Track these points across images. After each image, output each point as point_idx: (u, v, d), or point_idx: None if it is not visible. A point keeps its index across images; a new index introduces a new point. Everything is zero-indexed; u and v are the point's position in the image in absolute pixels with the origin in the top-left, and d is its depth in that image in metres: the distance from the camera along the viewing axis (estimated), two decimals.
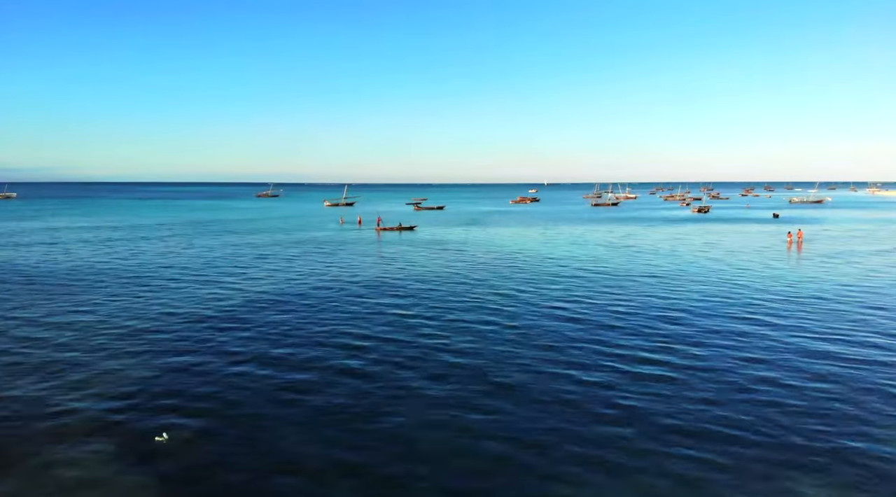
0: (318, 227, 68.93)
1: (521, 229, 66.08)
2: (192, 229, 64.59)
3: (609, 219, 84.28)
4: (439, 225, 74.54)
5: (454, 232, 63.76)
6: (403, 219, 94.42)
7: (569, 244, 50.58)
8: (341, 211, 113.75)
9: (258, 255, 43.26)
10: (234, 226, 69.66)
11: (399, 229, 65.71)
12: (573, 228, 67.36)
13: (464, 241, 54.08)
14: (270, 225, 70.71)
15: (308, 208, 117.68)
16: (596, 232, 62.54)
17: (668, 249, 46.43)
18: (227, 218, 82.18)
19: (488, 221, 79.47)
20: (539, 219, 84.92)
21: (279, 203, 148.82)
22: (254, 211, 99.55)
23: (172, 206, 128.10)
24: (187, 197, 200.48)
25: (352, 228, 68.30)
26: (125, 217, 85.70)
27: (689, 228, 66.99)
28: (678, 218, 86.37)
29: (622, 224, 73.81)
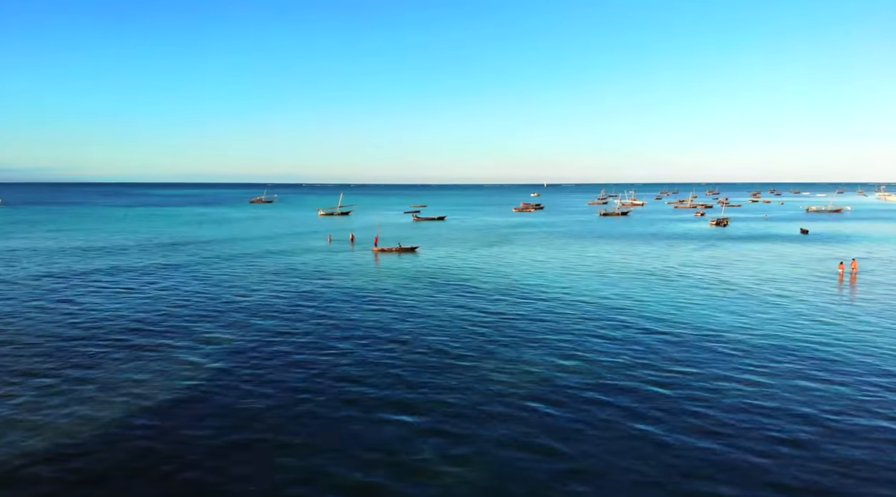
0: (306, 247, 62.26)
1: (534, 251, 59.38)
2: (162, 255, 57.88)
3: (625, 235, 77.63)
4: (442, 243, 67.88)
5: (461, 255, 57.13)
6: (401, 231, 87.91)
7: (597, 276, 43.81)
8: (335, 221, 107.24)
9: (217, 304, 36.49)
10: (213, 247, 62.95)
11: (399, 251, 59.28)
12: (589, 248, 60.63)
13: (474, 269, 47.31)
14: (251, 246, 64.03)
15: (300, 218, 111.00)
16: (619, 255, 55.76)
17: (721, 288, 39.66)
18: (208, 236, 75.49)
19: (495, 238, 72.79)
20: (547, 234, 78.27)
21: (271, 211, 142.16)
22: (240, 224, 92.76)
23: (157, 216, 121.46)
24: (178, 203, 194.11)
25: (342, 249, 61.67)
26: (96, 234, 79.04)
27: (721, 252, 60.25)
28: (699, 234, 79.74)
29: (643, 242, 67.08)
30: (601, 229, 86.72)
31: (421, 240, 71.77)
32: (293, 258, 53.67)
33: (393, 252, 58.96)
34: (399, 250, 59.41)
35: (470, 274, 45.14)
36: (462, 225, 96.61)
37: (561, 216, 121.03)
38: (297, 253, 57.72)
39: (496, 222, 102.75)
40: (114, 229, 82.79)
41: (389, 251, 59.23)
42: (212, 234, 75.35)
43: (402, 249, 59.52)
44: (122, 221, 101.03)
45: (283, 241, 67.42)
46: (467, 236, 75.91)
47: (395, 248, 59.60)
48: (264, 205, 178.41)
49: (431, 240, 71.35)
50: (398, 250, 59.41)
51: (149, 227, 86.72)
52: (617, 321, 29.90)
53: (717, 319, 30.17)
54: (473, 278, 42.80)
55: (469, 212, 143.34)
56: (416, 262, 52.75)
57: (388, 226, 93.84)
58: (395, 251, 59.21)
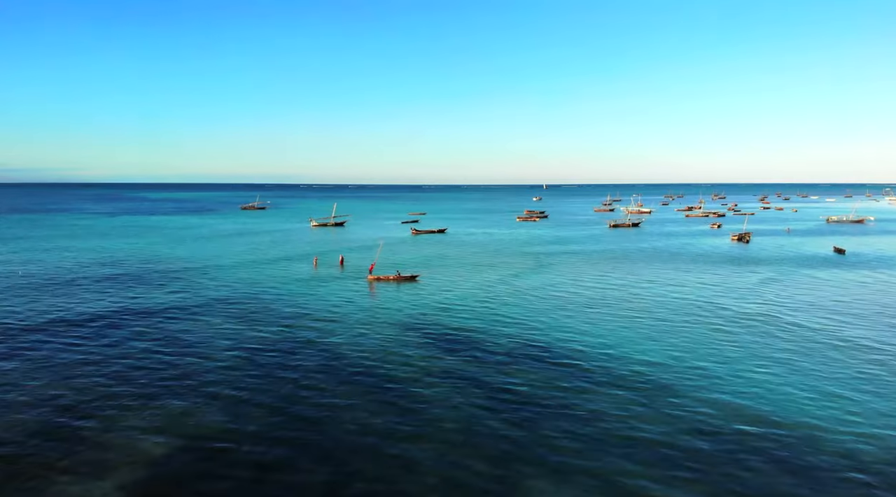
0: (288, 275, 55.17)
1: (553, 281, 52.22)
2: (119, 291, 50.83)
3: (648, 255, 70.53)
4: (445, 266, 60.83)
5: (467, 285, 50.15)
6: (399, 247, 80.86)
7: (646, 339, 36.72)
8: (328, 234, 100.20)
9: (159, 377, 29.39)
10: (183, 278, 55.87)
11: (398, 279, 52.44)
12: (616, 274, 53.46)
13: (486, 308, 40.30)
14: (226, 275, 56.93)
15: (290, 231, 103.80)
16: (662, 285, 48.62)
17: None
18: (183, 259, 68.39)
19: (503, 260, 65.68)
20: (561, 254, 71.20)
21: (261, 220, 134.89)
22: (222, 242, 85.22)
23: (138, 228, 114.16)
24: (169, 210, 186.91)
25: (330, 276, 54.63)
26: (61, 255, 71.86)
27: (756, 280, 53.18)
28: (723, 253, 72.72)
29: (674, 266, 59.96)
30: (618, 246, 79.63)
31: (421, 261, 64.77)
32: (271, 292, 46.52)
33: (391, 281, 52.10)
34: (398, 279, 52.53)
35: (482, 316, 38.10)
36: (464, 240, 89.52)
37: (569, 229, 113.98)
38: (277, 283, 50.59)
39: (501, 236, 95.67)
40: (83, 247, 75.56)
41: (387, 280, 52.37)
42: (188, 256, 68.23)
43: (401, 278, 52.63)
44: (97, 237, 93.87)
45: (263, 268, 60.23)
46: (472, 256, 68.82)
47: (392, 277, 52.73)
48: (256, 212, 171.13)
49: (433, 262, 64.27)
50: (397, 279, 52.53)
51: (122, 246, 79.57)
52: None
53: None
54: (487, 325, 35.69)
55: (470, 221, 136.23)
56: (416, 294, 45.90)
57: (386, 240, 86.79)
58: (394, 280, 52.33)
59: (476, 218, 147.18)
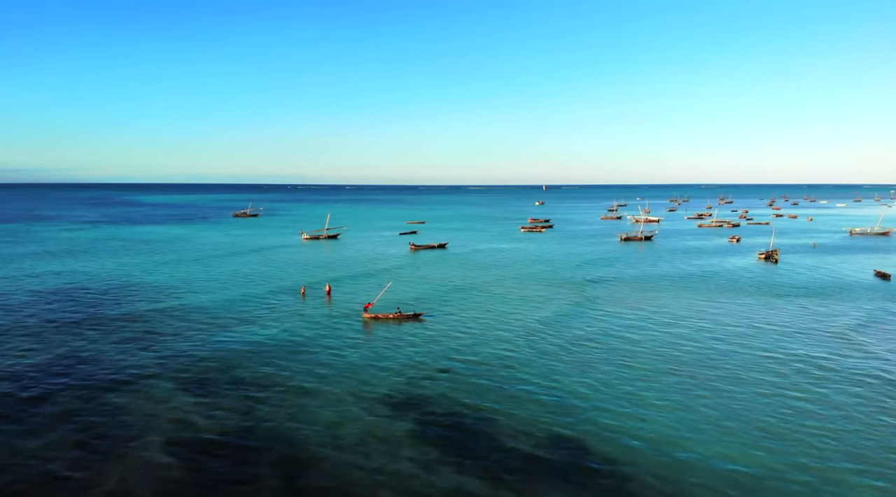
0: (272, 310, 48.22)
1: (569, 318, 45.16)
2: (59, 342, 44.06)
3: (669, 278, 63.54)
4: (450, 295, 53.99)
5: (478, 323, 43.43)
6: (397, 269, 73.96)
7: (714, 419, 29.72)
8: (321, 249, 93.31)
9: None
10: (146, 319, 49.03)
11: (398, 317, 45.89)
12: (638, 310, 46.28)
13: (500, 359, 33.33)
14: (198, 317, 49.98)
15: (280, 246, 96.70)
16: (686, 322, 41.61)
17: None
18: (154, 288, 61.48)
19: (511, 287, 58.68)
20: (573, 280, 64.26)
21: (251, 230, 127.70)
22: (204, 264, 77.22)
23: (118, 242, 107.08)
24: (159, 218, 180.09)
25: (319, 312, 47.76)
26: (12, 282, 65.05)
27: (811, 316, 46.16)
28: (755, 277, 65.79)
29: (698, 293, 52.85)
30: (636, 268, 72.60)
31: (422, 288, 58.01)
32: (247, 338, 39.53)
33: (390, 320, 45.34)
34: (398, 318, 45.73)
35: (497, 376, 31.13)
36: (468, 258, 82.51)
37: (577, 242, 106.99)
38: (256, 325, 43.59)
39: (506, 254, 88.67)
40: (46, 272, 68.37)
41: (385, 319, 45.61)
42: (160, 286, 61.17)
43: (403, 317, 45.80)
44: (69, 256, 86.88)
45: (243, 305, 53.08)
46: (479, 282, 61.84)
47: (392, 316, 45.93)
48: (247, 220, 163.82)
49: (435, 290, 57.36)
50: (397, 318, 45.73)
51: (92, 270, 72.53)
52: None
53: None
54: (505, 395, 28.64)
55: (472, 231, 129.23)
56: (420, 342, 39.32)
57: (382, 259, 79.84)
58: (394, 319, 45.56)
59: (477, 228, 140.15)
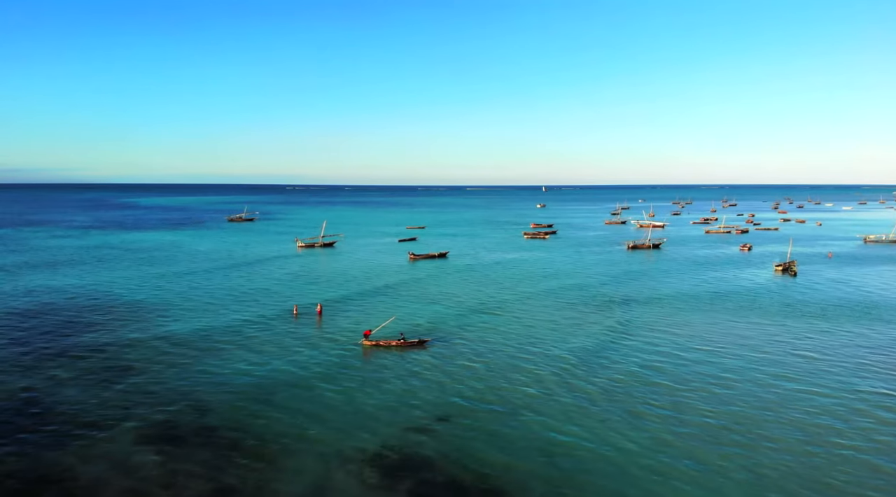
0: (259, 327, 44.37)
1: (587, 342, 41.29)
2: (24, 367, 40.26)
3: (684, 295, 59.69)
4: (454, 314, 50.22)
5: (489, 350, 39.55)
6: (395, 273, 70.20)
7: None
8: (316, 258, 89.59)
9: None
10: (118, 338, 45.22)
11: (401, 345, 41.99)
12: (659, 335, 42.40)
13: (520, 397, 29.38)
14: (179, 325, 46.08)
15: (274, 254, 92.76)
16: (717, 351, 37.76)
17: None
18: (133, 308, 57.60)
19: (520, 305, 54.83)
20: (582, 297, 60.46)
21: (246, 237, 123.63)
22: (192, 279, 73.18)
23: (105, 251, 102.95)
24: (152, 224, 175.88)
25: (312, 335, 43.96)
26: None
27: (854, 346, 42.32)
28: (775, 293, 62.01)
29: (718, 313, 48.98)
30: (648, 283, 68.72)
31: (423, 305, 54.43)
32: (228, 367, 35.64)
33: (392, 348, 41.56)
34: (401, 345, 41.90)
35: (527, 431, 27.15)
36: (471, 269, 78.62)
37: (583, 251, 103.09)
38: (241, 348, 39.75)
39: (511, 264, 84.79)
40: (15, 290, 64.49)
41: (387, 346, 41.82)
42: (140, 306, 57.24)
43: (406, 344, 41.98)
44: (48, 269, 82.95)
45: (228, 327, 49.24)
46: (484, 298, 58.03)
47: (395, 343, 42.06)
48: (242, 226, 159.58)
49: (438, 308, 53.57)
50: (400, 346, 41.90)
51: (69, 285, 68.57)
52: None
53: None
54: (542, 448, 24.71)
55: (473, 238, 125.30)
56: (426, 372, 35.72)
57: (380, 271, 76.00)
58: (396, 347, 41.75)
59: (479, 234, 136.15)
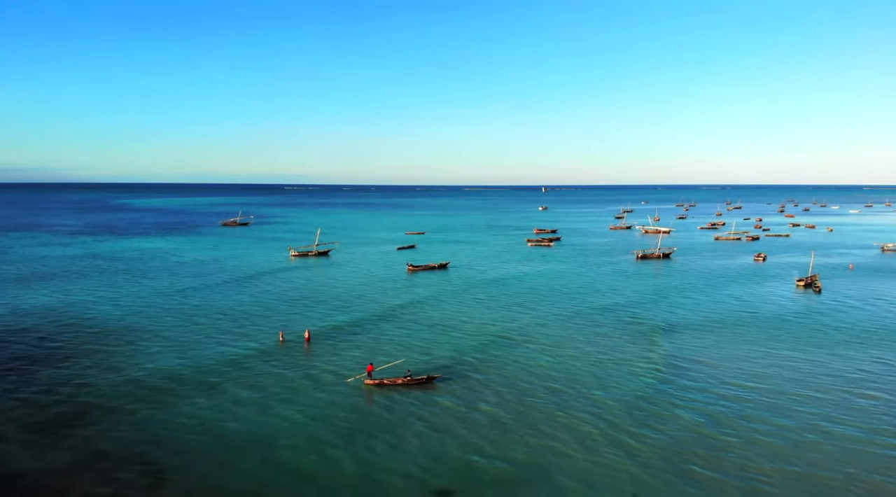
0: (241, 357, 39.68)
1: (613, 379, 36.56)
2: None
3: (703, 318, 55.01)
4: (463, 341, 45.32)
5: (503, 387, 34.76)
6: (392, 289, 65.57)
7: None
8: (310, 267, 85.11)
9: None
10: (80, 373, 40.52)
11: (407, 383, 37.34)
12: (715, 373, 37.64)
13: (554, 456, 24.80)
14: (153, 355, 41.41)
15: (266, 266, 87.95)
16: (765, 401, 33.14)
17: None
18: (105, 325, 52.96)
19: (530, 330, 50.14)
20: (597, 320, 55.79)
21: (238, 243, 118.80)
22: (170, 294, 67.99)
23: (88, 260, 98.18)
24: (143, 230, 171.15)
25: (297, 360, 39.27)
26: None
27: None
28: (805, 314, 57.38)
29: (746, 340, 44.27)
30: (669, 298, 64.06)
31: (425, 329, 49.95)
32: (199, 413, 30.89)
33: (398, 386, 36.96)
34: (407, 383, 37.36)
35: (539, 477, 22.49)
36: (474, 284, 73.77)
37: (590, 260, 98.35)
38: (216, 387, 35.05)
39: (516, 276, 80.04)
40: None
41: (392, 385, 37.20)
42: (117, 326, 52.61)
43: (412, 382, 37.43)
44: (18, 285, 78.11)
45: (207, 357, 44.47)
46: (493, 318, 53.34)
47: (401, 381, 37.43)
48: (235, 231, 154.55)
49: (443, 334, 48.90)
50: (406, 383, 37.34)
51: (41, 304, 63.86)
52: None
53: None
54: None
55: (474, 244, 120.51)
56: (437, 419, 31.34)
57: (376, 286, 71.27)
58: (402, 385, 37.15)
59: (480, 240, 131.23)
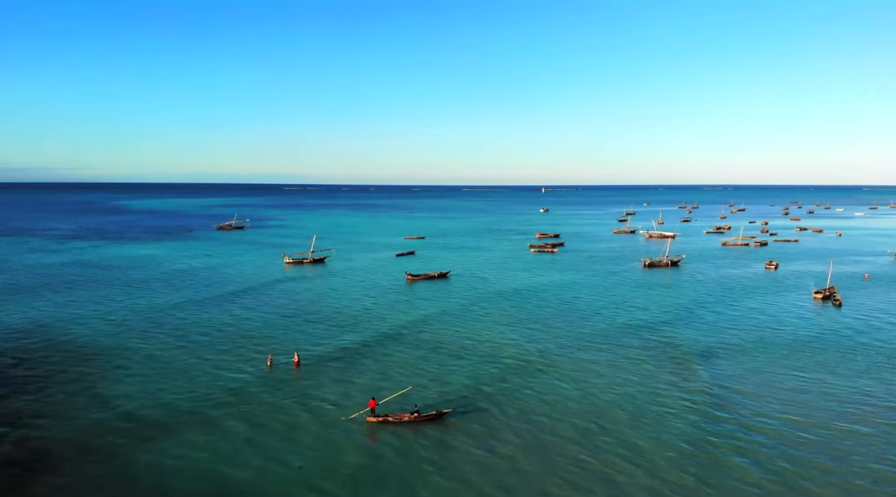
0: (226, 386, 36.07)
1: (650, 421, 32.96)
2: None
3: (723, 335, 51.42)
4: (473, 368, 41.61)
5: (526, 416, 31.20)
6: (389, 303, 61.89)
7: None
8: (304, 276, 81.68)
9: None
10: (43, 406, 36.92)
11: (414, 420, 33.70)
12: (759, 409, 34.01)
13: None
14: (127, 385, 37.82)
15: (259, 276, 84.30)
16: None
17: None
18: (78, 347, 49.25)
19: (547, 348, 46.49)
20: (626, 334, 52.21)
21: (231, 249, 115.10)
22: (155, 311, 65.28)
23: (71, 269, 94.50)
24: (134, 232, 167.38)
25: (286, 388, 35.73)
26: None
27: None
28: (831, 331, 53.83)
29: (770, 364, 40.64)
30: (686, 314, 60.55)
31: (431, 352, 46.12)
32: (175, 461, 27.21)
33: (405, 423, 33.60)
34: (415, 420, 33.71)
35: None
36: (478, 297, 70.13)
37: (596, 268, 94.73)
38: (194, 427, 31.34)
39: (521, 287, 76.47)
40: None
41: (398, 422, 33.61)
42: (88, 350, 48.89)
43: (421, 418, 33.81)
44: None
45: (188, 388, 40.80)
46: (502, 338, 49.67)
47: (408, 417, 33.75)
48: (230, 235, 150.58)
49: (452, 356, 45.22)
50: (414, 421, 33.70)
51: (13, 321, 60.42)
52: None
53: None
54: None
55: (476, 251, 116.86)
56: (452, 464, 27.80)
57: (372, 298, 67.67)
58: (409, 421, 33.64)
59: (482, 246, 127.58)
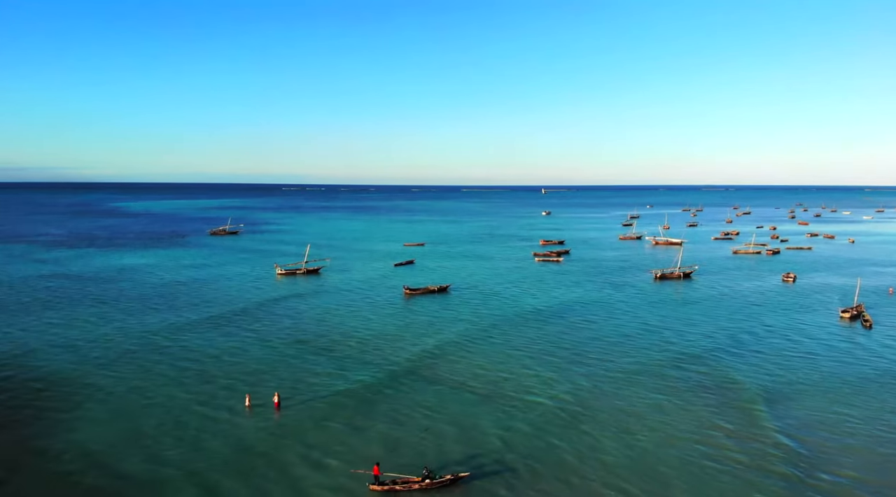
0: (196, 435, 31.61)
1: None
2: None
3: (750, 368, 46.96)
4: (489, 415, 36.85)
5: (561, 478, 26.99)
6: (384, 324, 57.29)
7: None
8: (298, 286, 77.42)
9: None
10: None
11: (425, 487, 29.55)
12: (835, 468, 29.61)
13: None
14: (85, 432, 33.34)
15: (249, 289, 79.78)
16: None
17: None
18: (35, 379, 44.88)
19: (573, 384, 41.99)
20: (630, 374, 47.78)
21: (222, 260, 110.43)
22: (126, 338, 60.23)
23: (56, 280, 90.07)
24: (126, 237, 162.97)
25: (266, 437, 31.31)
26: None
27: None
28: (866, 361, 49.47)
29: (814, 403, 36.20)
30: (706, 339, 56.15)
31: (435, 390, 41.39)
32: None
33: (413, 491, 29.29)
34: (426, 487, 29.48)
35: None
36: (480, 316, 65.74)
37: (605, 280, 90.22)
38: (171, 470, 26.92)
39: (527, 304, 72.00)
40: None
41: (407, 489, 29.27)
42: (48, 384, 44.50)
43: (432, 485, 29.51)
44: None
45: (154, 438, 36.34)
46: (515, 371, 45.15)
47: (418, 486, 29.50)
48: (224, 241, 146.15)
49: (456, 395, 40.59)
50: (424, 489, 29.49)
51: None
52: None
53: None
54: None
55: (478, 259, 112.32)
56: None
57: (369, 316, 63.25)
58: (418, 489, 29.44)
59: (483, 254, 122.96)
